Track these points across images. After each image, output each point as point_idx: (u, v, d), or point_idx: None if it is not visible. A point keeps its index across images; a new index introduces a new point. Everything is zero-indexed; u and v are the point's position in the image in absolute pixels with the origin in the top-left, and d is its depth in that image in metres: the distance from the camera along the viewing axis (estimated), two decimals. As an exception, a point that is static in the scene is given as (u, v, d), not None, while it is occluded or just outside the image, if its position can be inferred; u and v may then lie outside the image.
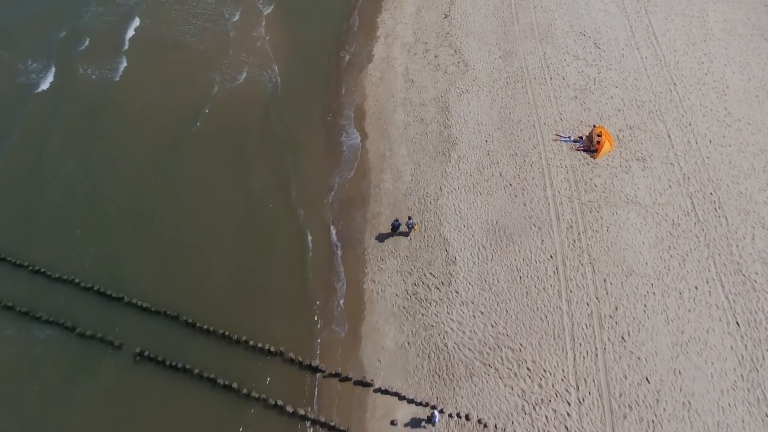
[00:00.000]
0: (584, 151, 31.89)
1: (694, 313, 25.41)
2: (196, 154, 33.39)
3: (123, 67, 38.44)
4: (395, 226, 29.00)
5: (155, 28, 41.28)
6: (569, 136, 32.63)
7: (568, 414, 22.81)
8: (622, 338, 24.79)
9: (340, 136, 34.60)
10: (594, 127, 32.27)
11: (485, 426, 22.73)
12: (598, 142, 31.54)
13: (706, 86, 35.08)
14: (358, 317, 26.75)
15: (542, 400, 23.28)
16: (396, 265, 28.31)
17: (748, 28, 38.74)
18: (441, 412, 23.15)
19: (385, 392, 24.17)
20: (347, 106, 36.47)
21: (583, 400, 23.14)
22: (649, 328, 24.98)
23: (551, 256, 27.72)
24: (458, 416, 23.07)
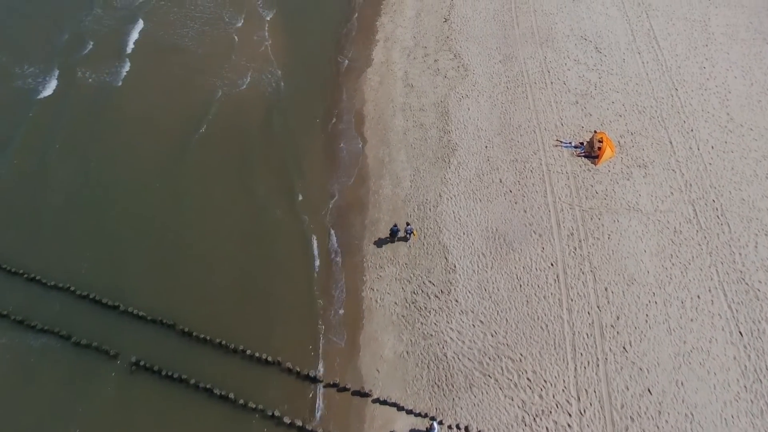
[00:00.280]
0: (585, 157, 31.61)
1: (697, 322, 25.11)
2: (198, 161, 33.08)
3: (126, 72, 38.18)
4: (394, 232, 28.74)
5: (158, 33, 41.01)
6: (570, 142, 32.35)
7: (569, 425, 22.50)
8: (624, 348, 24.49)
9: (340, 142, 34.31)
10: (595, 132, 31.99)
11: (485, 438, 22.46)
12: (599, 148, 31.25)
13: (708, 91, 34.80)
14: (357, 326, 26.44)
15: (543, 411, 22.97)
16: (395, 273, 28.02)
17: (750, 33, 38.46)
18: (440, 423, 22.85)
19: (384, 403, 23.87)
20: (347, 110, 36.19)
21: (585, 411, 22.84)
22: (650, 338, 24.69)
23: (552, 264, 27.43)
24: (457, 428, 22.77)
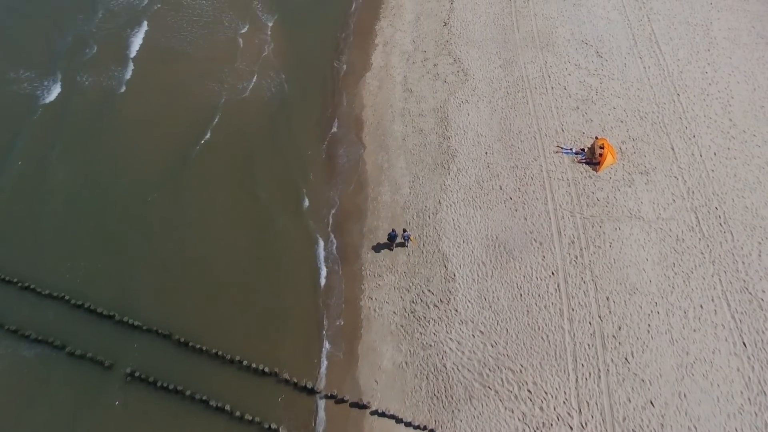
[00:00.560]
0: (586, 163, 31.26)
1: (700, 333, 24.76)
2: (199, 169, 32.55)
3: (129, 77, 37.70)
4: (392, 237, 28.45)
5: (162, 37, 40.54)
6: (571, 148, 32.01)
7: (570, 439, 22.19)
8: (626, 359, 24.14)
9: (338, 148, 33.94)
10: (596, 138, 31.65)
11: (485, 451, 22.12)
12: (601, 154, 30.91)
13: (710, 97, 34.45)
14: (355, 336, 26.09)
15: (543, 423, 22.61)
16: (394, 282, 27.68)
17: (752, 37, 38.11)
18: (439, 436, 22.56)
19: (382, 415, 23.51)
20: (346, 116, 35.78)
21: (586, 424, 22.48)
22: (653, 349, 24.33)
23: (552, 273, 27.08)
24: (457, 441, 22.46)
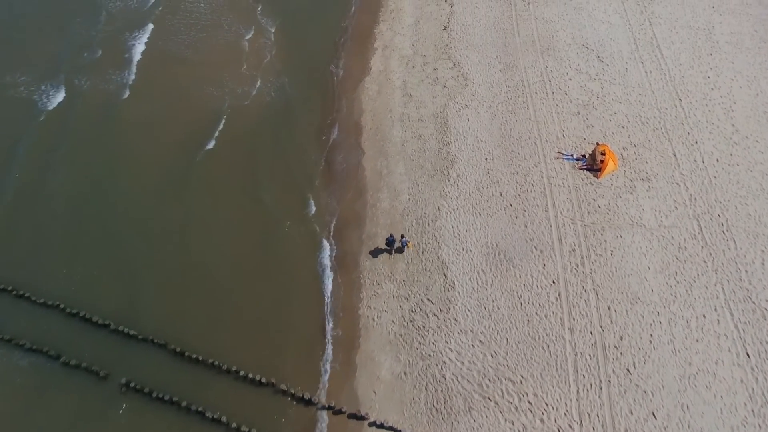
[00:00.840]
0: (587, 170, 30.93)
1: (702, 343, 24.42)
2: (201, 177, 32.24)
3: (133, 83, 37.39)
4: (390, 242, 28.18)
5: (165, 43, 40.23)
6: (572, 154, 31.68)
7: (571, 452, 21.86)
8: (628, 370, 23.81)
9: (337, 154, 33.62)
10: (597, 144, 31.32)
11: (484, 464, 21.80)
12: (602, 160, 30.58)
13: (713, 102, 34.10)
14: (353, 345, 25.77)
15: (544, 436, 22.32)
16: (393, 290, 27.36)
17: (755, 41, 37.76)
18: (438, 448, 22.24)
19: (381, 426, 23.19)
20: (345, 121, 35.45)
21: (587, 436, 22.19)
22: (655, 360, 24.00)
23: (553, 282, 26.75)
24: (456, 454, 22.14)
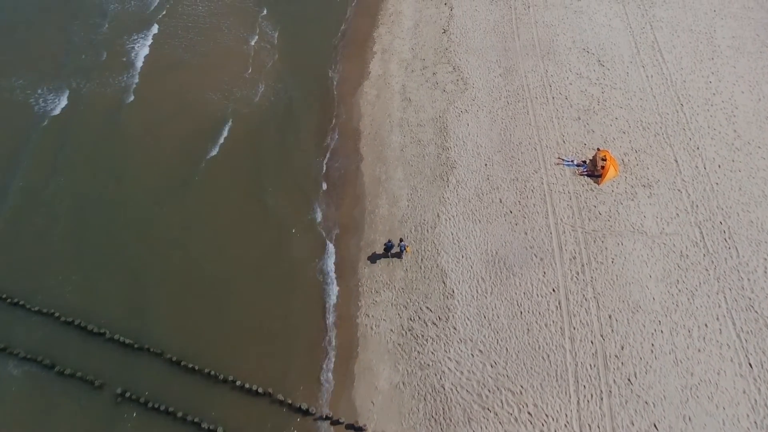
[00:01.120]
0: (588, 176, 30.63)
1: (704, 353, 24.11)
2: (203, 184, 32.04)
3: (137, 88, 37.20)
4: (388, 247, 27.95)
5: (169, 48, 40.11)
6: (572, 160, 31.38)
7: (571, 464, 21.58)
8: (629, 380, 23.51)
9: (336, 160, 33.31)
10: (598, 150, 31.03)
11: (484, 477, 21.51)
12: (603, 166, 30.28)
13: (714, 107, 33.79)
14: (351, 355, 25.48)
15: (544, 448, 22.05)
16: (391, 298, 27.06)
17: (757, 45, 37.44)
18: (437, 461, 21.95)
19: (379, 438, 22.98)
20: (344, 126, 35.16)
21: (588, 448, 21.90)
22: (656, 370, 23.70)
23: (553, 290, 26.46)
24: (455, 466, 21.86)
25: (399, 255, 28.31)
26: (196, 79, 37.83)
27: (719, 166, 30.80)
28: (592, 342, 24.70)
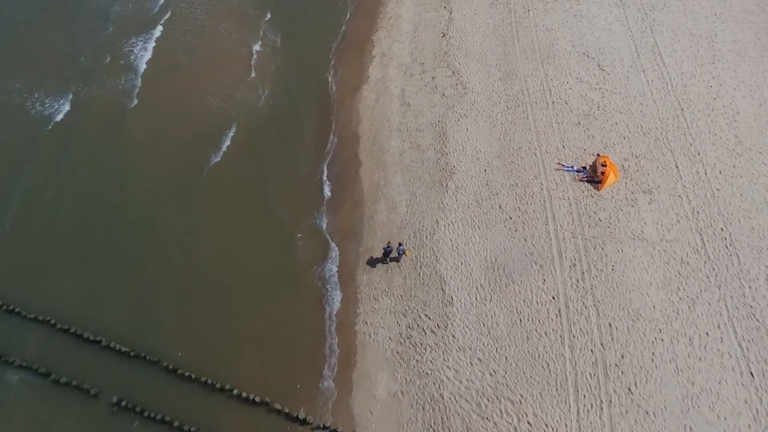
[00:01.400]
0: (588, 182, 30.43)
1: (705, 362, 23.90)
2: (204, 190, 31.86)
3: (140, 94, 37.00)
4: (387, 251, 27.80)
5: (173, 54, 39.91)
6: (572, 166, 31.18)
7: (571, 475, 21.37)
8: (629, 390, 23.30)
9: (334, 165, 33.11)
10: (598, 156, 30.82)
11: (483, 488, 21.30)
12: (603, 172, 30.07)
13: (715, 112, 33.58)
14: (350, 363, 25.28)
15: (544, 458, 21.84)
16: (390, 305, 26.86)
17: (758, 50, 37.24)
18: (435, 471, 21.75)
19: (377, 448, 22.77)
20: (343, 130, 34.98)
21: (588, 459, 21.70)
22: (657, 379, 23.48)
23: (553, 298, 26.25)
24: (454, 477, 21.65)
25: (397, 259, 28.15)
26: (198, 82, 37.62)
27: (720, 172, 30.59)
28: (592, 351, 24.49)
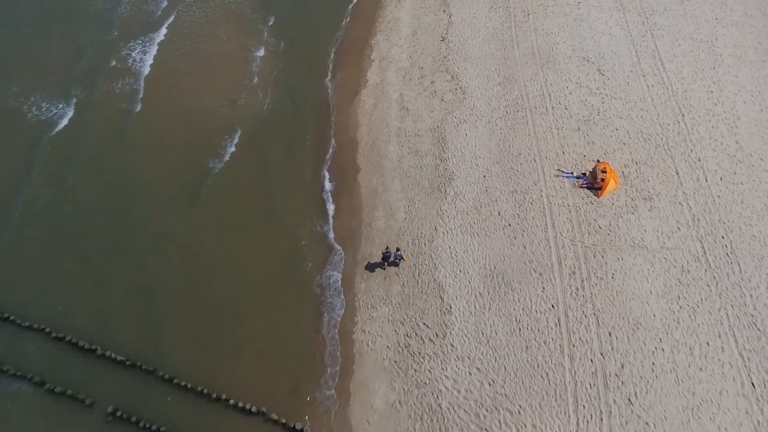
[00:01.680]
0: (588, 188, 30.20)
1: (706, 372, 23.68)
2: (210, 198, 31.60)
3: (143, 99, 36.77)
4: (386, 256, 27.63)
5: (174, 58, 39.69)
6: (572, 172, 30.95)
7: (570, 487, 21.15)
8: (629, 400, 23.07)
9: (333, 171, 32.86)
10: (598, 162, 30.61)
11: (481, 501, 21.08)
12: (603, 179, 29.85)
13: (716, 117, 33.36)
14: (347, 372, 25.03)
15: (543, 470, 21.61)
16: (388, 314, 26.63)
17: (759, 54, 37.01)
18: (433, 483, 21.52)
19: (374, 459, 22.54)
20: (341, 136, 34.73)
21: (587, 471, 21.47)
22: (657, 389, 23.26)
23: (553, 306, 26.03)
24: (452, 489, 21.42)
25: (396, 264, 27.98)
26: (200, 87, 37.35)
27: (721, 179, 30.36)
28: (591, 360, 24.26)
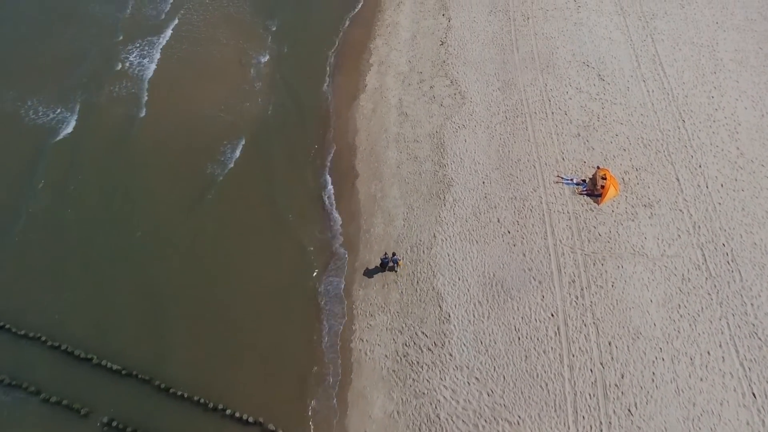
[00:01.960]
0: (587, 195, 29.99)
1: (707, 382, 23.47)
2: (212, 206, 31.50)
3: (147, 103, 36.73)
4: (384, 262, 27.58)
5: (177, 64, 39.62)
6: (572, 179, 30.74)
7: (570, 500, 20.95)
8: (629, 411, 22.87)
9: (332, 177, 32.63)
10: (598, 168, 30.40)
11: None
12: (603, 186, 29.64)
13: (717, 123, 33.14)
14: (345, 381, 24.86)
15: (542, 482, 21.42)
16: (386, 322, 26.44)
17: (760, 59, 36.78)
18: (432, 495, 21.33)
19: (372, 470, 22.36)
20: (340, 141, 34.53)
21: (587, 483, 21.28)
22: (657, 400, 23.06)
23: (552, 315, 25.82)
24: (450, 501, 21.23)
25: (393, 268, 27.91)
26: (203, 92, 37.33)
27: (722, 185, 30.14)
28: (591, 370, 24.05)
